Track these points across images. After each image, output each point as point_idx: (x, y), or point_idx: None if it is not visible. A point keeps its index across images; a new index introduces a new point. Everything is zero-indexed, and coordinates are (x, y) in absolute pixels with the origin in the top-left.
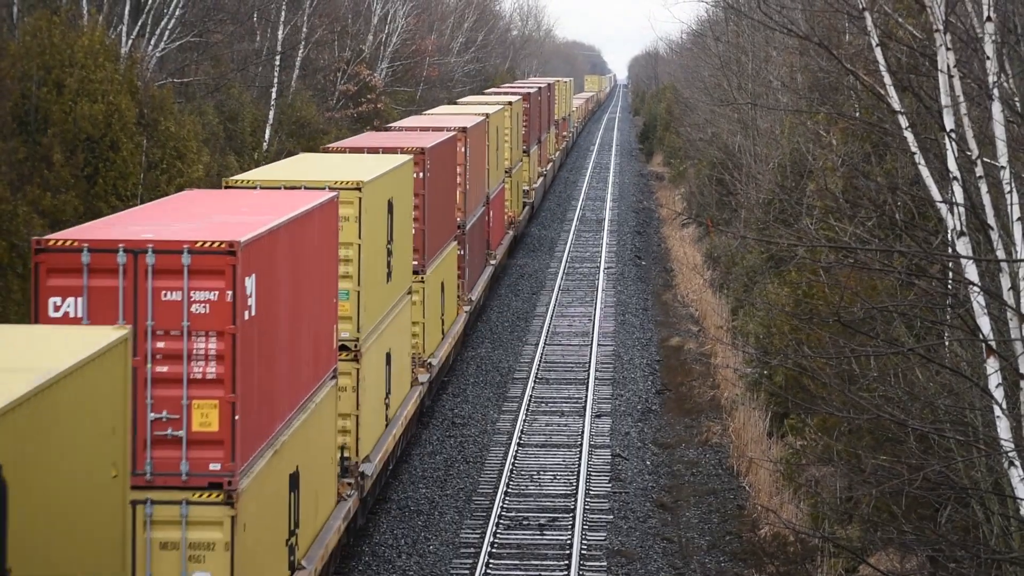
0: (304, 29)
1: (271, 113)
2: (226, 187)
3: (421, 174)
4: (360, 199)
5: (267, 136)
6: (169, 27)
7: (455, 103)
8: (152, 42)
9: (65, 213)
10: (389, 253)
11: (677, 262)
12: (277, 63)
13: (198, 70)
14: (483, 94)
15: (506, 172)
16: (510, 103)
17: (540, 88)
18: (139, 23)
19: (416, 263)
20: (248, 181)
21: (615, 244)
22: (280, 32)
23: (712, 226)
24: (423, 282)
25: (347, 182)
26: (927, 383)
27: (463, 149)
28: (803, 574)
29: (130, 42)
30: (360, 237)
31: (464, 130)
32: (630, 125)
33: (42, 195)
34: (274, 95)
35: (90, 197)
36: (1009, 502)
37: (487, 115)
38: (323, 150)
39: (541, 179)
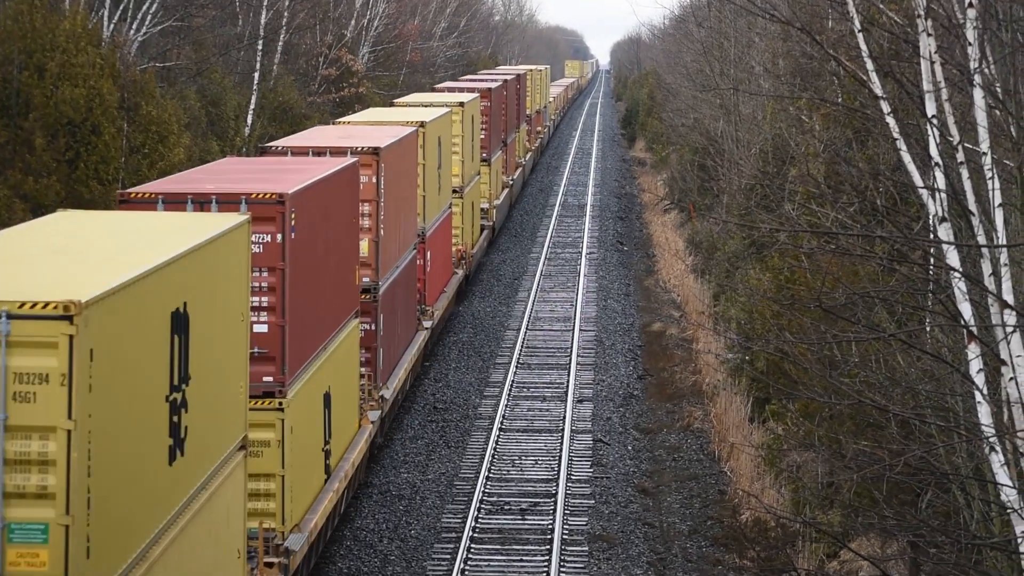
0: (286, 13)
1: (253, 98)
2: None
3: (280, 235)
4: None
5: (249, 121)
6: (151, 11)
7: (392, 105)
8: (134, 26)
9: (47, 197)
10: None
11: (659, 247)
12: (259, 48)
13: (180, 54)
14: (433, 90)
15: (455, 192)
16: (461, 104)
17: (506, 81)
18: (121, 7)
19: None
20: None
21: (597, 230)
22: (262, 16)
23: (694, 211)
24: (282, 408)
25: None
26: (908, 369)
27: (374, 179)
28: (784, 559)
29: (112, 26)
30: None
31: (376, 152)
32: (612, 110)
33: (23, 179)
34: (256, 80)
35: (71, 181)
36: (990, 487)
37: (422, 124)
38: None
39: (506, 191)
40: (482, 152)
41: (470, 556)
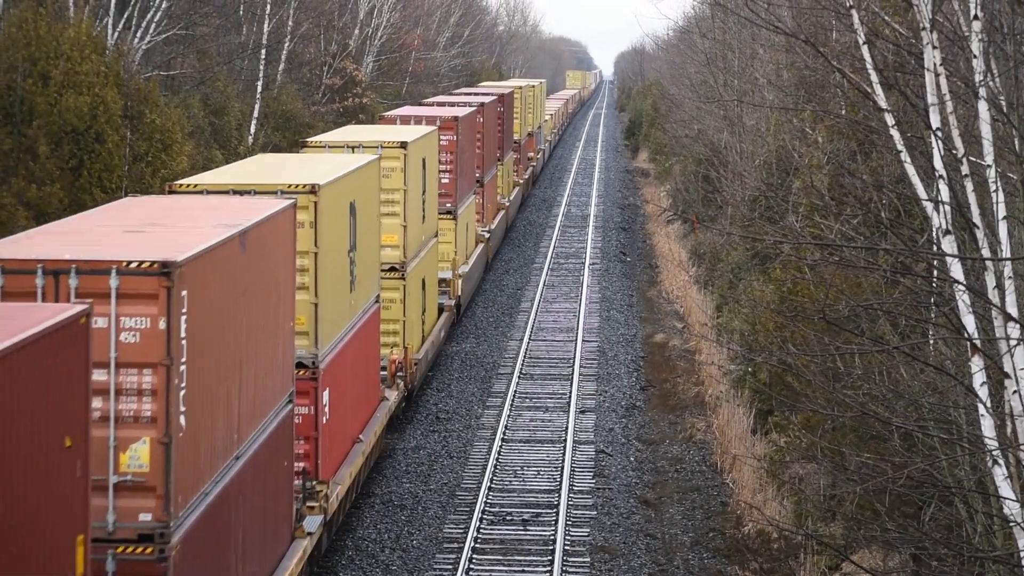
0: (290, 23)
1: (257, 107)
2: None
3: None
4: None
5: (252, 130)
6: (155, 20)
7: (304, 147)
8: (138, 35)
9: (50, 205)
10: None
11: (662, 258)
12: (263, 57)
13: (184, 63)
14: (382, 120)
15: (393, 272)
16: (402, 145)
17: (483, 105)
18: (125, 15)
19: None
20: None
21: (600, 240)
22: (266, 25)
23: (697, 223)
24: None
25: None
26: (911, 381)
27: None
28: (786, 571)
29: (116, 34)
30: None
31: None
32: (615, 121)
33: (27, 187)
34: (260, 89)
35: (75, 189)
36: (992, 500)
37: (312, 188)
38: None
39: (481, 248)
40: (445, 203)
41: (472, 566)
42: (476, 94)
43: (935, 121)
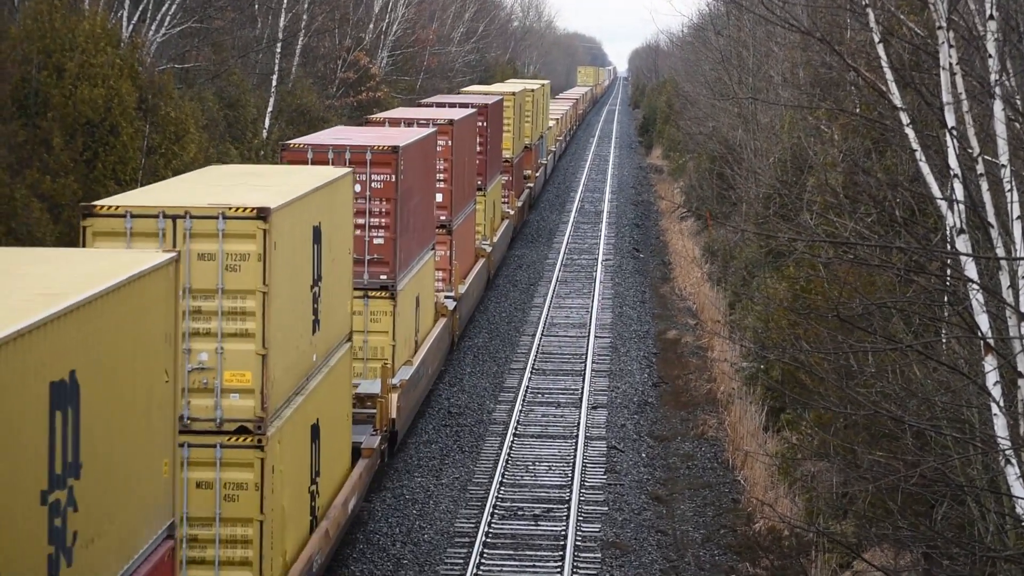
0: (305, 16)
1: (271, 100)
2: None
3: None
4: None
5: (267, 123)
6: (170, 12)
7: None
8: (153, 27)
9: (64, 197)
10: None
11: (675, 255)
12: (278, 50)
13: (199, 56)
14: (283, 154)
15: (243, 433)
16: (261, 216)
17: (452, 122)
18: (140, 8)
19: None
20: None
21: (613, 236)
22: (281, 19)
23: (711, 219)
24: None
25: None
26: (924, 380)
27: None
28: (798, 569)
29: (131, 27)
30: None
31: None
32: (629, 118)
33: (41, 179)
34: (274, 82)
35: (89, 181)
36: (1005, 500)
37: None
38: None
39: (442, 325)
40: (379, 274)
41: (483, 561)
42: (451, 105)
43: (951, 120)
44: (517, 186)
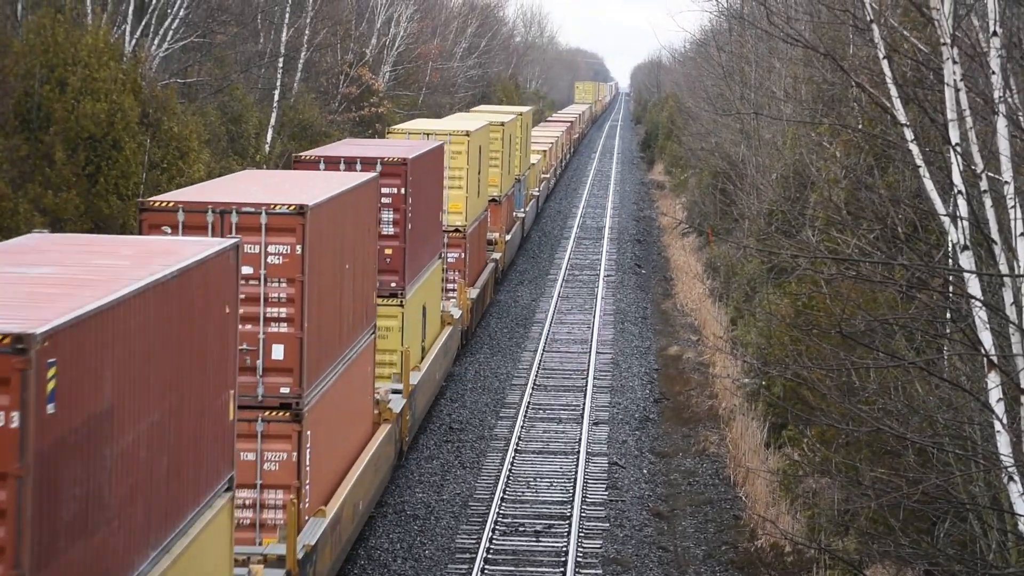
0: (307, 31)
1: (274, 115)
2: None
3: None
4: None
5: (269, 138)
6: (173, 27)
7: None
8: (155, 42)
9: (66, 211)
10: None
11: (677, 271)
12: (280, 65)
13: (201, 71)
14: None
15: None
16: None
17: (302, 209)
18: (143, 23)
19: None
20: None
21: (615, 252)
22: (284, 34)
23: (712, 235)
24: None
25: None
26: (927, 396)
27: None
28: None
29: (134, 41)
30: None
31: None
32: (632, 133)
33: (43, 193)
34: (277, 97)
35: (91, 196)
36: (1007, 517)
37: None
38: None
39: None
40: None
41: None
42: (346, 160)
43: (954, 136)
44: (473, 266)
